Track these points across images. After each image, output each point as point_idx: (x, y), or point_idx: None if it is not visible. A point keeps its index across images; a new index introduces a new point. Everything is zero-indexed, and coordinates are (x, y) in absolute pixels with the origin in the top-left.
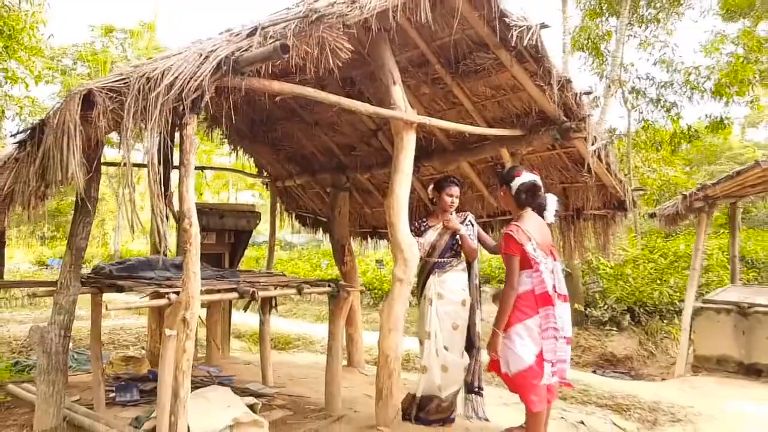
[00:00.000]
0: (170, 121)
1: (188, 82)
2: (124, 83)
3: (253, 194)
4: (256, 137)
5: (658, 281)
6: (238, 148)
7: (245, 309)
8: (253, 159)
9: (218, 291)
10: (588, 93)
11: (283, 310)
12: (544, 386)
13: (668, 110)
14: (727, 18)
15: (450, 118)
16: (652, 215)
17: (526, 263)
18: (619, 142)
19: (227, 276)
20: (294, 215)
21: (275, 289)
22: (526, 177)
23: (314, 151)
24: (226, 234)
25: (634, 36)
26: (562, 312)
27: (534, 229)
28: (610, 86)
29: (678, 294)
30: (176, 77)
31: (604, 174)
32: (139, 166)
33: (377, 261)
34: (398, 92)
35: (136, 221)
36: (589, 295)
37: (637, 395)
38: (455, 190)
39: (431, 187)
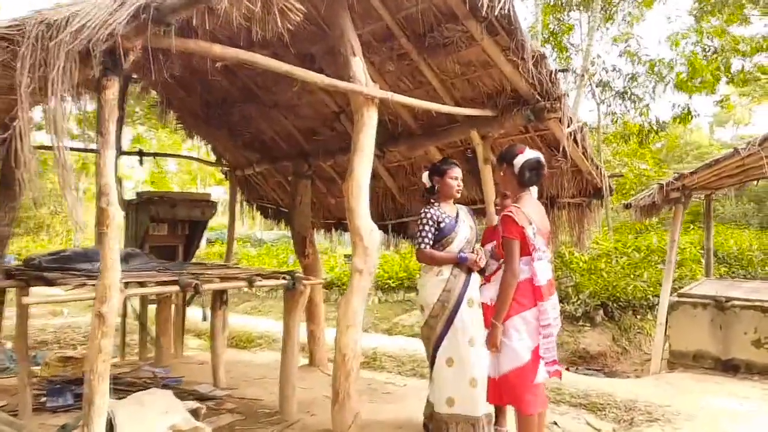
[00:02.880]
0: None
1: (98, 30)
2: (19, 30)
3: (225, 190)
4: (212, 121)
5: (632, 276)
6: (195, 134)
7: (188, 304)
8: (210, 146)
9: (157, 283)
10: (564, 70)
11: (248, 308)
12: (542, 385)
13: (635, 102)
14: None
15: (417, 98)
16: (627, 206)
17: (525, 249)
18: (590, 136)
19: (172, 268)
20: (255, 206)
21: (223, 281)
22: (529, 154)
23: (274, 136)
24: (180, 225)
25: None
26: (556, 302)
27: (534, 213)
28: (583, 75)
29: (652, 289)
30: (84, 24)
31: (580, 159)
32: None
33: (346, 256)
34: (358, 64)
35: (76, 211)
36: (561, 290)
37: (612, 393)
38: (458, 171)
39: (426, 173)
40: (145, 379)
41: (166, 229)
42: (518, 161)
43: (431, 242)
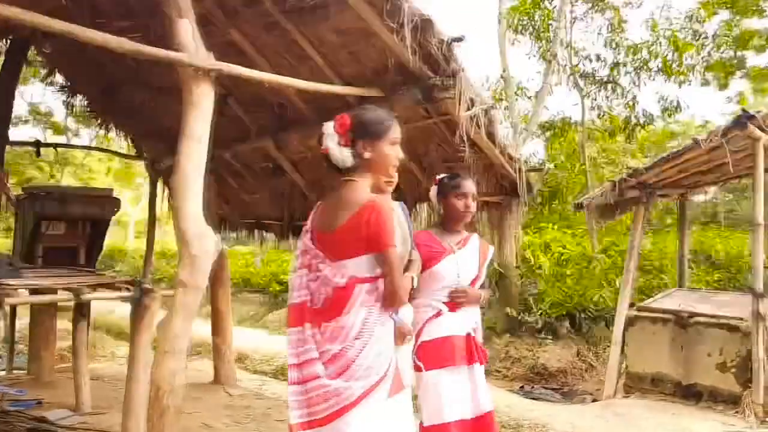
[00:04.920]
0: None
1: None
2: None
3: None
4: (114, 108)
5: (603, 282)
6: (105, 122)
7: None
8: (128, 137)
9: None
10: (459, 39)
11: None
12: None
13: (617, 93)
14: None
15: (302, 77)
16: (579, 206)
17: None
18: (572, 131)
19: (18, 275)
20: None
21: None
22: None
23: (172, 124)
24: (80, 224)
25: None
26: (310, 336)
27: (321, 209)
28: (550, 62)
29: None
30: None
31: (487, 147)
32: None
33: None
34: (186, 28)
35: None
36: (526, 299)
37: (547, 424)
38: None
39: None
40: None
41: (63, 228)
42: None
43: None
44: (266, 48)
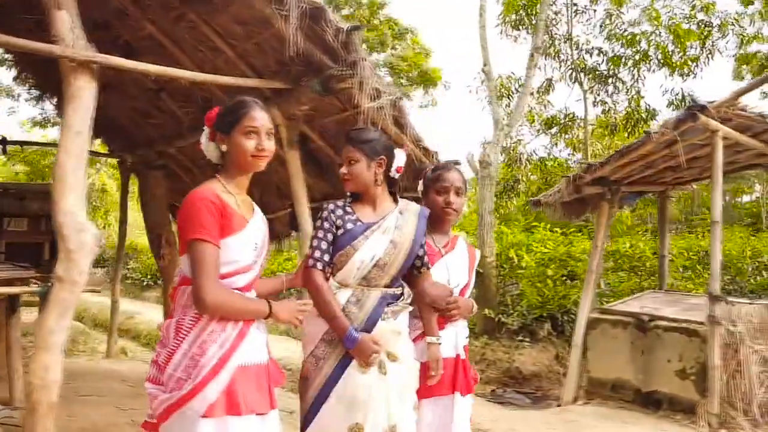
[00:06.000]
0: None
1: None
2: None
3: None
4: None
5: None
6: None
7: None
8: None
9: None
10: (357, 28)
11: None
12: None
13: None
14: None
15: (220, 71)
16: (537, 203)
17: None
18: (580, 129)
19: None
20: None
21: None
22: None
23: (124, 122)
24: (43, 221)
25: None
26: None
27: None
28: (533, 55)
29: (611, 299)
30: None
31: (396, 138)
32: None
33: None
34: (63, 20)
35: None
36: (506, 299)
37: (489, 429)
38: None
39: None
40: None
41: (25, 224)
42: None
43: (325, 259)
44: (183, 42)
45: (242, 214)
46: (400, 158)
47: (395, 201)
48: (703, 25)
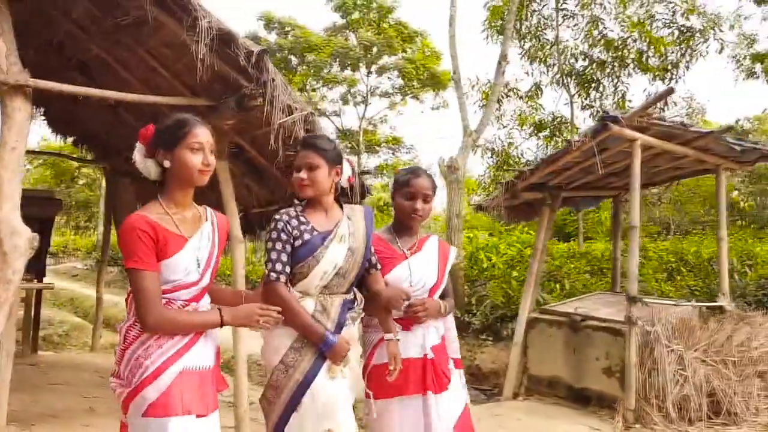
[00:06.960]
0: None
1: None
2: None
3: None
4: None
5: (553, 286)
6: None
7: None
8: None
9: None
10: (265, 51)
11: None
12: None
13: (613, 93)
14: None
15: (161, 88)
16: (480, 208)
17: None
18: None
19: None
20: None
21: None
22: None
23: (100, 132)
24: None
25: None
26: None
27: None
28: (500, 63)
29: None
30: None
31: None
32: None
33: None
34: (0, 48)
35: None
36: (473, 299)
37: None
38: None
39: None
40: None
41: None
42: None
43: (287, 271)
44: (127, 62)
45: (181, 233)
46: (348, 169)
47: (341, 207)
48: (684, 30)
